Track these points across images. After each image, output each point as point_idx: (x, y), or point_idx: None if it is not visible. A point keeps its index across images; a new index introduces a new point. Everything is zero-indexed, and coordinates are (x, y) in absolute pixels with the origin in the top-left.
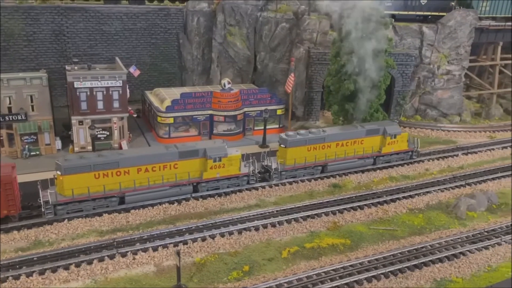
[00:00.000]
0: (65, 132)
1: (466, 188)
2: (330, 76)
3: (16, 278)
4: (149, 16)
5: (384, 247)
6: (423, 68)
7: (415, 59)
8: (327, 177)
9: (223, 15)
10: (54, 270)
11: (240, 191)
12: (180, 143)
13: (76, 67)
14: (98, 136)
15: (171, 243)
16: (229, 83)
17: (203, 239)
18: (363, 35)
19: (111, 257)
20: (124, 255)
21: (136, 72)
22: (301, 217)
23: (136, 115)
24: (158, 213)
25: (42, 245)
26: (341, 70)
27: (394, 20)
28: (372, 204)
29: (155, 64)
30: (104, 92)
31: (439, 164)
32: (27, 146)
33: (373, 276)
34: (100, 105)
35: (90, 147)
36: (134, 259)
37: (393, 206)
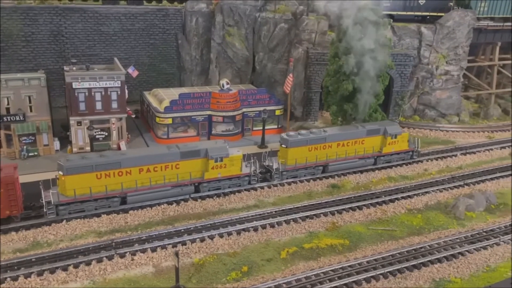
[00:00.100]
0: (63, 132)
1: (465, 188)
2: (328, 76)
3: (15, 279)
4: (147, 16)
5: (383, 247)
6: (421, 69)
7: (414, 60)
8: (326, 177)
9: (221, 15)
10: (53, 271)
11: (239, 191)
12: (181, 144)
13: (74, 68)
14: (97, 136)
15: (169, 244)
16: (227, 83)
17: (202, 240)
18: (362, 36)
19: (110, 258)
20: (122, 256)
21: (134, 73)
22: (299, 217)
23: (134, 115)
24: (156, 213)
25: (41, 246)
26: (339, 71)
27: (392, 20)
28: (371, 204)
29: (154, 65)
30: (103, 93)
31: (438, 164)
32: (25, 146)
33: (372, 277)
34: (98, 105)
35: (88, 148)
36: (133, 260)
37: (391, 207)
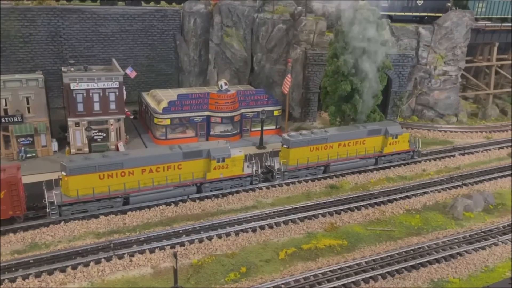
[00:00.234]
0: (61, 133)
1: (463, 189)
2: (327, 77)
3: (12, 280)
4: (145, 17)
5: (381, 247)
6: (419, 69)
7: (412, 60)
8: (324, 178)
9: (220, 16)
10: (51, 272)
11: (237, 192)
12: (184, 144)
13: (72, 69)
14: (95, 137)
15: (168, 245)
16: (226, 84)
17: (200, 241)
18: (360, 36)
19: (108, 259)
20: (121, 257)
21: (132, 74)
22: (298, 218)
23: (132, 116)
24: (155, 214)
25: (39, 247)
26: (337, 71)
27: (390, 21)
28: (369, 205)
29: (152, 66)
30: (101, 94)
31: (436, 165)
32: (23, 148)
33: (370, 277)
34: (96, 106)
35: (86, 149)
36: (131, 261)
37: (390, 207)
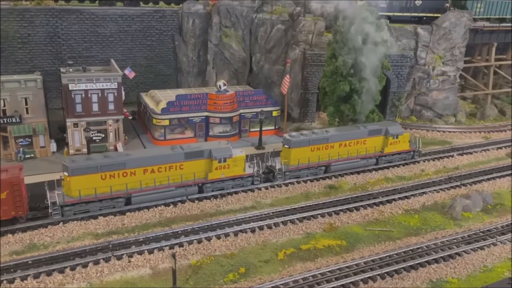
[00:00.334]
0: (60, 134)
1: (462, 189)
2: (325, 77)
3: (11, 281)
4: (144, 18)
5: (380, 248)
6: (418, 69)
7: (410, 60)
8: (323, 178)
9: (218, 16)
10: (49, 273)
11: (236, 192)
12: (185, 144)
13: (71, 69)
14: (93, 138)
15: (166, 246)
16: (224, 84)
17: (199, 241)
18: (358, 37)
19: (107, 260)
20: (119, 258)
21: (131, 74)
22: (297, 218)
23: (131, 117)
24: (153, 215)
25: (37, 248)
26: (336, 72)
27: (389, 21)
28: (368, 205)
29: (151, 66)
30: (99, 94)
31: (435, 165)
32: (21, 148)
33: (369, 277)
34: (95, 107)
35: (85, 150)
36: (130, 262)
37: (389, 207)
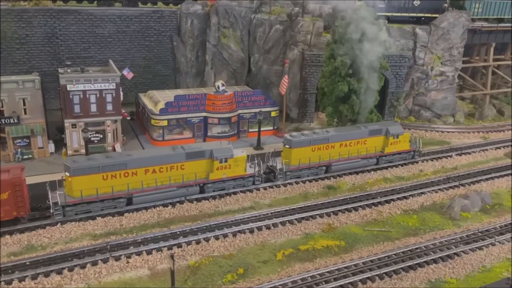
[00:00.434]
0: (58, 135)
1: (460, 189)
2: (324, 77)
3: (9, 283)
4: (142, 18)
5: (378, 248)
6: (416, 70)
7: (409, 61)
8: (322, 178)
9: (217, 17)
10: (47, 274)
11: (235, 193)
12: (186, 145)
13: (69, 70)
14: (92, 139)
15: (165, 246)
16: (223, 85)
17: (198, 242)
18: (357, 37)
19: (105, 260)
20: (117, 258)
21: (129, 75)
22: (295, 219)
23: (129, 117)
24: (152, 216)
25: (35, 249)
26: (335, 72)
27: (387, 21)
28: (367, 205)
29: (149, 67)
30: (98, 95)
31: (433, 165)
32: (19, 149)
33: (367, 278)
34: (93, 108)
35: (83, 150)
36: (128, 262)
37: (387, 208)
